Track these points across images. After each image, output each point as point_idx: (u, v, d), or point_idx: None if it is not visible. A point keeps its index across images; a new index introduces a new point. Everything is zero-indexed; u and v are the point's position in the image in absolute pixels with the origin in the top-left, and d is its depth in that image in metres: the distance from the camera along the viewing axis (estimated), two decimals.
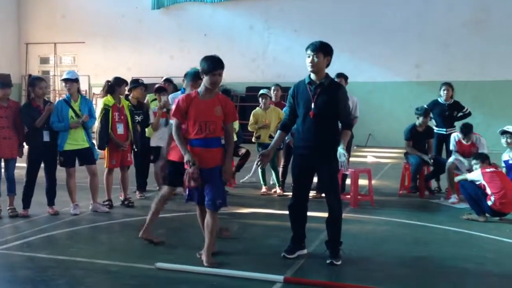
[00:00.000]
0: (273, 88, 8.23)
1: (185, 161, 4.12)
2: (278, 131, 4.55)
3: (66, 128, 5.95)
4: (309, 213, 4.57)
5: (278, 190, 7.53)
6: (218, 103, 4.16)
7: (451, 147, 7.27)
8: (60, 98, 6.37)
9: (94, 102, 17.67)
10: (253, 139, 7.77)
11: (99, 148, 6.35)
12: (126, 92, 6.88)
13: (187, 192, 4.33)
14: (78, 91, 6.22)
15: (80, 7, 18.49)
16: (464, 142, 7.13)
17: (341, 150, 4.15)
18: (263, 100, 7.59)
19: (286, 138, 7.30)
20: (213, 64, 4.09)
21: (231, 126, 4.31)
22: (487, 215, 5.93)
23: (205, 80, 4.15)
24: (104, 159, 6.48)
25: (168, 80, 7.96)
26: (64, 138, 5.98)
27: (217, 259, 4.35)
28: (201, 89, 4.22)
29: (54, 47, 18.77)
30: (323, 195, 4.57)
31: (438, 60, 14.86)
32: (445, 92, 7.85)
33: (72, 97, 6.09)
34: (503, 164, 6.56)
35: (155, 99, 7.23)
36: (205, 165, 4.13)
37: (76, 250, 4.67)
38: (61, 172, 6.19)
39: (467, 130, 7.07)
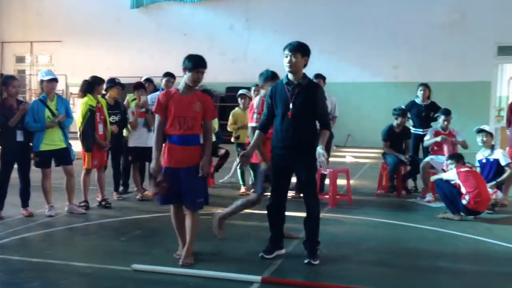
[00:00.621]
0: (253, 88, 8.19)
1: (151, 166, 4.22)
2: (257, 132, 4.54)
3: (43, 128, 5.84)
4: (287, 213, 4.57)
5: None
6: (197, 99, 4.23)
7: (427, 136, 7.41)
8: (35, 98, 6.23)
9: (71, 102, 17.46)
10: (232, 139, 7.76)
11: (87, 150, 6.25)
12: (103, 92, 6.79)
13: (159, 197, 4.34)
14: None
15: (56, 5, 18.23)
16: (442, 130, 7.31)
17: (320, 150, 4.15)
18: (242, 100, 7.58)
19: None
20: (197, 62, 4.18)
21: (210, 124, 4.36)
22: (462, 214, 6.02)
23: (186, 77, 4.23)
24: (82, 160, 6.39)
25: (148, 80, 7.89)
26: (40, 138, 5.87)
27: (195, 259, 4.32)
28: (181, 86, 4.28)
29: (30, 46, 18.49)
30: (302, 195, 4.58)
31: (415, 61, 15.05)
32: (422, 92, 7.95)
33: (48, 96, 5.98)
34: (477, 164, 6.68)
35: (135, 99, 7.18)
36: (182, 164, 4.16)
37: (50, 252, 4.59)
38: (36, 173, 6.09)
39: (448, 111, 7.35)
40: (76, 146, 6.33)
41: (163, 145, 4.26)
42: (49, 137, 5.90)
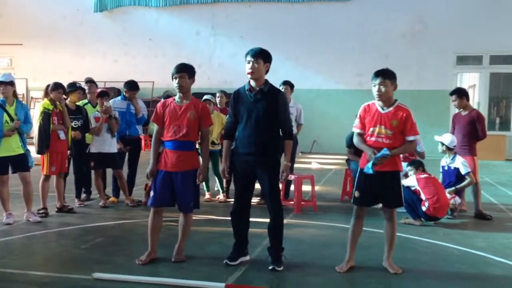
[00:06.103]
0: (218, 94, 8.20)
1: (147, 171, 4.41)
2: (225, 141, 4.51)
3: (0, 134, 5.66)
4: (252, 219, 4.57)
5: (222, 197, 7.50)
6: (192, 108, 4.38)
7: None
8: None
9: (32, 106, 17.02)
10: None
11: (38, 153, 6.09)
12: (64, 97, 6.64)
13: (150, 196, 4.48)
14: (14, 95, 5.93)
15: (17, 7, 17.78)
16: None
17: (284, 163, 4.29)
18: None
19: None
20: (173, 70, 4.37)
21: (207, 131, 4.52)
22: (422, 219, 6.15)
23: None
24: (41, 166, 6.22)
25: (90, 81, 7.65)
26: None
27: (158, 267, 4.28)
28: (177, 95, 4.47)
29: None
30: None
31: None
32: None
33: (7, 101, 5.80)
34: (440, 170, 6.82)
35: (86, 104, 7.11)
36: (177, 168, 4.33)
37: (8, 262, 4.43)
38: None
39: None
40: (34, 152, 6.16)
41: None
42: (7, 143, 5.72)
